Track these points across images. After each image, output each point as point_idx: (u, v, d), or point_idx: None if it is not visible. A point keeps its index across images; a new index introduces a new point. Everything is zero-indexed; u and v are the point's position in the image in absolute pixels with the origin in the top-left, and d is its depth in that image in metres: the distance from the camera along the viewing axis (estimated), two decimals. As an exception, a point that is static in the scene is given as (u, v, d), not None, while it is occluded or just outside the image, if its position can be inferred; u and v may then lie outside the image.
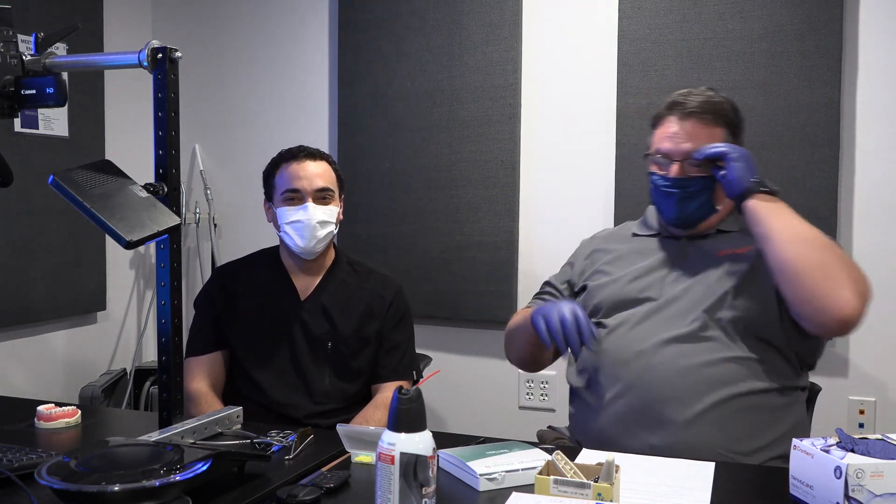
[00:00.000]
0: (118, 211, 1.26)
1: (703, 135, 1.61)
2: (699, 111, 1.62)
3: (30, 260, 2.53)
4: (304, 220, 1.88)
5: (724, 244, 1.65)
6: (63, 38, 1.45)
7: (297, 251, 1.92)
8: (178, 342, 1.43)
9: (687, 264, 1.64)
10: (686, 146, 1.61)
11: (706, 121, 1.62)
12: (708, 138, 1.61)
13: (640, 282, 1.66)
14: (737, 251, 1.61)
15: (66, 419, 1.59)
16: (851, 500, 1.07)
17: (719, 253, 1.63)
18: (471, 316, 2.62)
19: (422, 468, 1.01)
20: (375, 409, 1.86)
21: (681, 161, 1.61)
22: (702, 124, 1.62)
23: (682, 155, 1.61)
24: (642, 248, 1.72)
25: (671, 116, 1.65)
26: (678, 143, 1.61)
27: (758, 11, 2.28)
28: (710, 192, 1.62)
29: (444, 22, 2.61)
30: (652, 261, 1.68)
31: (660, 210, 1.69)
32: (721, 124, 1.63)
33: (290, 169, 1.91)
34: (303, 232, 1.88)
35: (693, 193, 1.61)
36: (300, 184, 1.89)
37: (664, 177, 1.63)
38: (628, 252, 1.73)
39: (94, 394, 2.62)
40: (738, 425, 1.49)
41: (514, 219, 2.57)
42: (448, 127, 2.62)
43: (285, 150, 1.96)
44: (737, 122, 1.67)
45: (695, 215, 1.64)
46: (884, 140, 2.24)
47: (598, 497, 1.10)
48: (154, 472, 1.05)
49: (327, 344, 1.92)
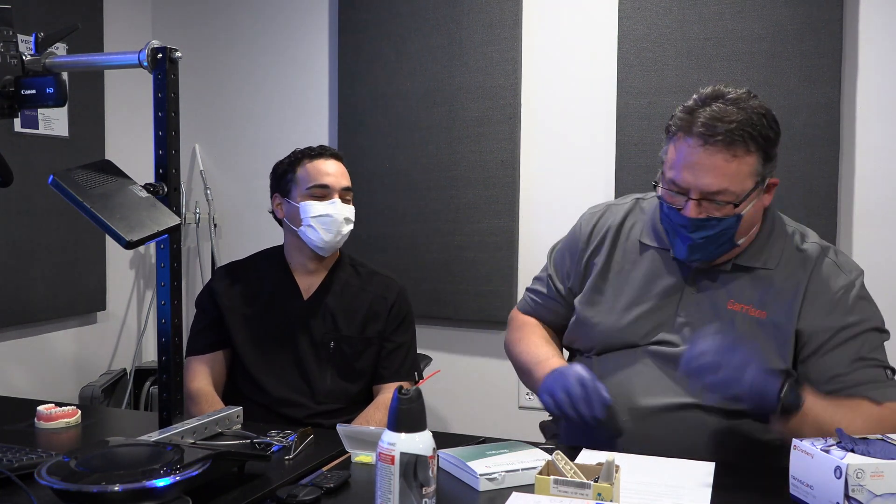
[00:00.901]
0: (118, 211, 1.26)
1: (731, 168, 1.33)
2: (728, 141, 1.32)
3: (30, 260, 2.53)
4: (333, 214, 1.90)
5: (737, 289, 1.44)
6: (63, 38, 1.45)
7: (320, 245, 1.92)
8: (178, 342, 1.43)
9: (695, 307, 1.46)
10: (707, 181, 1.33)
11: (736, 151, 1.33)
12: (735, 173, 1.33)
13: (640, 321, 1.49)
14: (752, 313, 1.42)
15: (66, 419, 1.59)
16: (851, 500, 1.07)
17: (732, 305, 1.43)
18: (471, 316, 2.62)
19: (422, 468, 1.01)
20: (376, 409, 1.87)
21: (699, 198, 1.35)
22: (730, 153, 1.33)
23: (701, 192, 1.35)
24: (647, 269, 1.52)
25: (690, 138, 1.35)
26: (698, 176, 1.34)
27: (758, 11, 2.28)
28: (735, 230, 1.38)
29: (444, 22, 2.61)
30: (655, 293, 1.49)
31: (670, 243, 1.46)
32: (753, 150, 1.35)
33: (318, 165, 1.93)
34: (330, 226, 1.90)
35: (713, 238, 1.37)
36: (329, 180, 1.92)
37: (678, 213, 1.38)
38: (630, 268, 1.54)
39: (94, 394, 2.62)
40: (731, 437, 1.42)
41: (514, 219, 2.57)
42: (448, 127, 2.62)
43: (304, 147, 1.98)
44: (772, 138, 1.39)
45: (712, 255, 1.42)
46: (884, 140, 2.24)
47: (598, 497, 1.09)
48: (154, 472, 1.05)
49: (330, 344, 1.92)
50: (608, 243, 1.59)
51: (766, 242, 1.47)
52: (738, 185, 1.35)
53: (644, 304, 1.50)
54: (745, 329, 1.41)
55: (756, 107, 1.37)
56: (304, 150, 1.97)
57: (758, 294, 1.43)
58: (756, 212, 1.43)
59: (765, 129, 1.36)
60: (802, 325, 1.41)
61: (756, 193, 1.39)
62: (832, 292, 1.42)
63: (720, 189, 1.34)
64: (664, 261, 1.51)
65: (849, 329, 1.40)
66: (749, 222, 1.41)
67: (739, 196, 1.36)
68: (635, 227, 1.59)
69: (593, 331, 1.54)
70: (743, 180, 1.35)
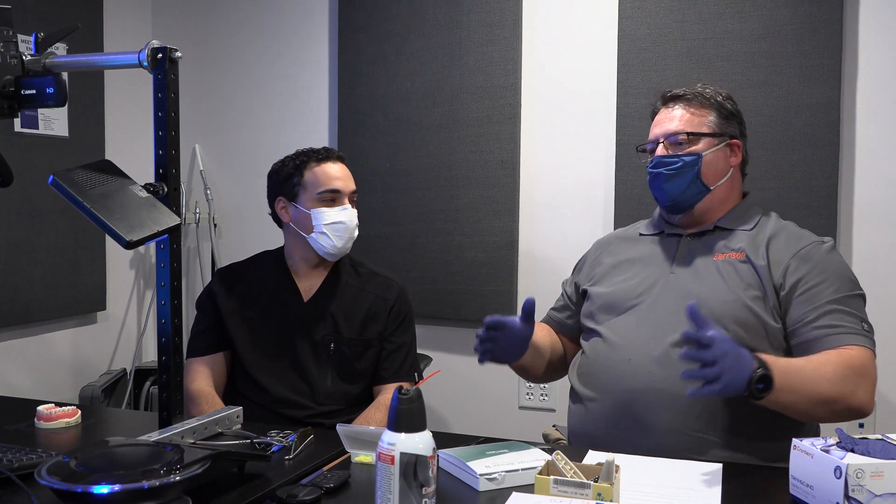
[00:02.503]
0: (118, 211, 1.26)
1: (685, 115, 1.64)
2: (682, 94, 1.67)
3: (30, 260, 2.53)
4: (347, 221, 1.90)
5: (721, 244, 1.63)
6: (63, 38, 1.45)
7: (332, 252, 1.91)
8: (178, 342, 1.43)
9: (683, 267, 1.63)
10: (670, 126, 1.64)
11: (689, 101, 1.65)
12: (689, 118, 1.64)
13: (635, 286, 1.65)
14: (733, 256, 1.59)
15: (66, 419, 1.59)
16: (851, 500, 1.07)
17: (716, 255, 1.61)
18: (471, 316, 2.62)
19: (422, 468, 1.01)
20: (377, 410, 1.87)
21: (664, 142, 1.64)
22: (685, 105, 1.65)
23: (664, 135, 1.64)
24: (644, 250, 1.72)
25: (660, 108, 1.70)
26: (663, 126, 1.65)
27: (758, 11, 2.28)
28: (696, 168, 1.61)
29: (444, 22, 2.61)
30: (650, 263, 1.68)
31: (656, 199, 1.69)
32: (707, 107, 1.65)
33: (327, 169, 1.91)
34: (342, 233, 1.90)
35: (679, 170, 1.61)
36: (339, 184, 1.91)
37: (650, 160, 1.66)
38: (631, 255, 1.73)
39: (94, 394, 2.62)
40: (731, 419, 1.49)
41: (514, 219, 2.57)
42: (448, 127, 2.62)
43: (309, 149, 1.96)
44: (729, 108, 1.67)
45: (685, 194, 1.63)
46: (884, 140, 2.24)
47: (598, 497, 1.09)
48: (154, 472, 1.05)
49: (330, 345, 1.92)
50: (612, 246, 1.80)
51: (747, 211, 1.68)
52: (692, 127, 1.64)
53: (639, 274, 1.67)
54: (726, 270, 1.57)
55: (714, 89, 1.68)
56: (308, 152, 1.94)
57: (738, 244, 1.61)
58: (722, 164, 1.65)
59: (717, 96, 1.67)
60: (773, 258, 1.56)
61: (717, 141, 1.64)
62: (804, 239, 1.60)
63: (676, 130, 1.63)
64: (660, 242, 1.71)
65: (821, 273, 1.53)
66: (714, 167, 1.63)
67: (692, 135, 1.63)
68: (637, 228, 1.81)
69: (599, 299, 1.69)
70: (698, 126, 1.64)
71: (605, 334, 1.63)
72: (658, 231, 1.73)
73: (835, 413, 1.44)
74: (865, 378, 1.43)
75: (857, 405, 1.43)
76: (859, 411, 1.44)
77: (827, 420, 1.50)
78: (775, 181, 2.25)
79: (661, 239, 1.71)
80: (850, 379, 1.41)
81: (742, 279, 1.55)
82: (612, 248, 1.79)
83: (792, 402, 1.38)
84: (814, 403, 1.40)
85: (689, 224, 1.68)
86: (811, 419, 1.52)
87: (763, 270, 1.55)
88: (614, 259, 1.75)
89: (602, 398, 1.58)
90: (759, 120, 2.25)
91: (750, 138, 1.74)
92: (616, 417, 1.54)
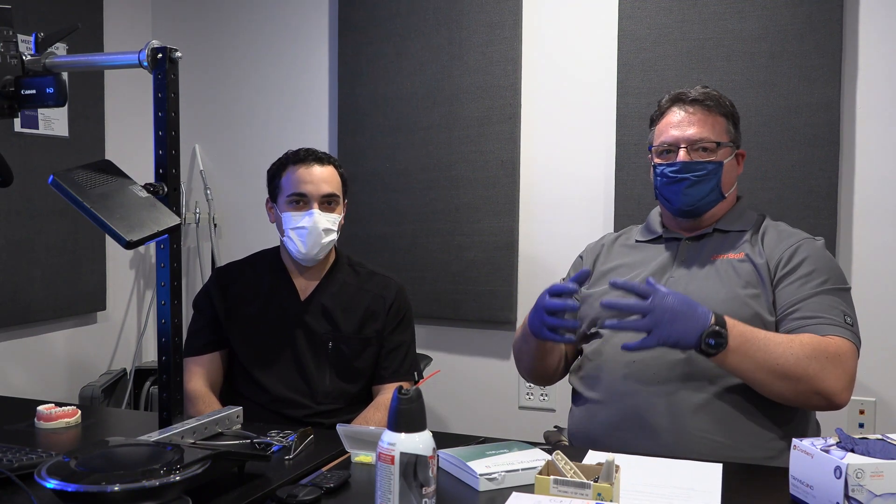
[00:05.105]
0: (118, 211, 1.26)
1: (707, 122, 1.63)
2: (702, 99, 1.65)
3: (30, 260, 2.53)
4: (309, 226, 1.87)
5: (720, 246, 1.64)
6: (63, 38, 1.45)
7: (299, 257, 1.92)
8: (178, 342, 1.43)
9: (682, 269, 1.64)
10: (692, 131, 1.62)
11: (709, 108, 1.64)
12: (712, 125, 1.63)
13: None
14: (732, 256, 1.61)
15: (66, 419, 1.59)
16: (851, 500, 1.07)
17: (715, 256, 1.63)
18: (471, 316, 2.62)
19: (422, 468, 1.01)
20: (376, 409, 1.87)
21: (687, 147, 1.62)
22: (705, 111, 1.64)
23: (688, 141, 1.62)
24: (643, 255, 1.72)
25: (674, 107, 1.67)
26: (684, 130, 1.63)
27: (758, 11, 2.28)
28: (718, 177, 1.62)
29: (444, 22, 2.61)
30: (649, 267, 1.68)
31: (667, 200, 1.67)
32: (722, 113, 1.65)
33: (298, 172, 1.89)
34: (306, 239, 1.88)
35: (703, 177, 1.61)
36: (307, 188, 1.88)
37: (671, 163, 1.63)
38: (630, 260, 1.73)
39: (94, 394, 2.62)
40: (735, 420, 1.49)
41: (514, 219, 2.57)
42: (448, 127, 2.62)
43: (292, 151, 1.95)
44: (736, 114, 1.69)
45: (704, 201, 1.63)
46: (884, 140, 2.24)
47: (598, 497, 1.09)
48: (154, 472, 1.05)
49: (328, 344, 1.92)
50: (605, 251, 1.81)
51: (743, 213, 1.71)
52: (715, 135, 1.64)
53: (641, 276, 1.66)
54: (725, 269, 1.59)
55: (718, 93, 1.69)
56: (292, 154, 1.94)
57: (737, 245, 1.64)
58: (734, 172, 1.68)
59: (725, 101, 1.68)
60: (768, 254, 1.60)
61: (731, 150, 1.66)
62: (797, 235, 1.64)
63: (702, 137, 1.63)
64: (657, 248, 1.71)
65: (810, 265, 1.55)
66: (728, 177, 1.65)
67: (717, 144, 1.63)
68: (631, 234, 1.81)
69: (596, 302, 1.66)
70: (719, 133, 1.64)
71: (608, 337, 1.63)
72: (655, 236, 1.74)
73: (801, 394, 1.43)
74: (838, 366, 1.42)
75: (826, 390, 1.41)
76: (829, 398, 1.43)
77: (796, 402, 1.47)
78: (775, 181, 2.26)
79: (658, 247, 1.71)
80: (819, 360, 1.41)
81: (740, 277, 1.57)
82: (608, 253, 1.79)
83: (748, 368, 1.41)
84: (774, 376, 1.41)
85: (690, 228, 1.69)
86: (778, 397, 1.46)
87: (762, 268, 1.57)
88: (612, 264, 1.75)
89: (606, 400, 1.58)
90: (759, 120, 2.25)
91: (750, 138, 1.75)
92: (619, 420, 1.54)
